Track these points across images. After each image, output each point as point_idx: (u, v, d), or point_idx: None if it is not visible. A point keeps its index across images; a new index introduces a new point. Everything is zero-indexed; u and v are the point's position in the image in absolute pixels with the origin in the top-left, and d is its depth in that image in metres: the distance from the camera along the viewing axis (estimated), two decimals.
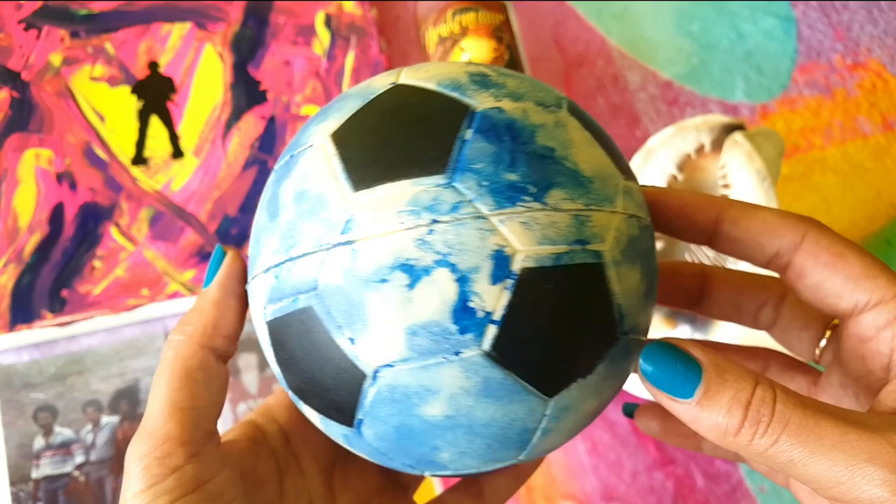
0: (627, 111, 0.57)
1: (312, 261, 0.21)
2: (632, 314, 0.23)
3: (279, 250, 0.22)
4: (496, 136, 0.21)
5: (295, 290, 0.22)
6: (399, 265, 0.20)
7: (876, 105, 0.57)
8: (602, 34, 0.59)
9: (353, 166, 0.22)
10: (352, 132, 0.22)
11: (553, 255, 0.21)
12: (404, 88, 0.23)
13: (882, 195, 0.55)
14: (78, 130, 0.53)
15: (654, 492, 0.48)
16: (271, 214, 0.23)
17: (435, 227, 0.20)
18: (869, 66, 0.58)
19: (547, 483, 0.48)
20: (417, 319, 0.20)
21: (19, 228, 0.51)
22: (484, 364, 0.21)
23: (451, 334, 0.20)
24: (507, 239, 0.20)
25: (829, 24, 0.59)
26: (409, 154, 0.21)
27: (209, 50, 0.55)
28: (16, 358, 0.50)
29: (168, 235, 0.51)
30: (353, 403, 0.22)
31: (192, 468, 0.23)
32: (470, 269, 0.20)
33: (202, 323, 0.25)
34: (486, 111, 0.22)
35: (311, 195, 0.22)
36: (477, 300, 0.20)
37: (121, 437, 0.48)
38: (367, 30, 0.56)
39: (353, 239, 0.21)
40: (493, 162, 0.21)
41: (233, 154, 0.53)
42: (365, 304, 0.21)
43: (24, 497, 0.47)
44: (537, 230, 0.21)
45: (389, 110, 0.22)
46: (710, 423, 0.21)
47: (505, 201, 0.21)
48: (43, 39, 0.55)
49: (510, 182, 0.21)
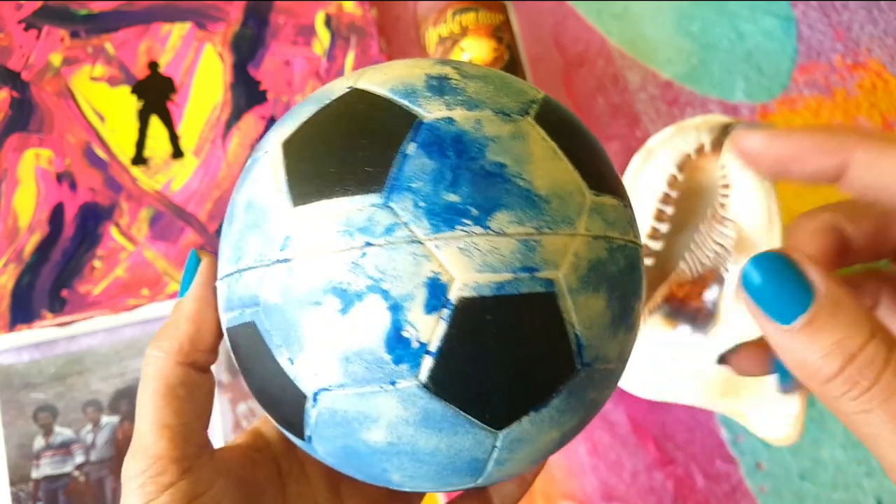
0: (627, 111, 0.57)
1: (254, 276, 0.21)
2: (594, 344, 0.21)
3: (231, 259, 0.22)
4: (440, 151, 0.20)
5: (242, 303, 0.22)
6: (332, 288, 0.19)
7: (876, 105, 0.57)
8: (602, 34, 0.59)
9: (295, 179, 0.21)
10: (300, 141, 0.22)
11: (494, 283, 0.19)
12: (357, 94, 0.22)
13: None
14: (78, 130, 0.53)
15: (654, 492, 0.48)
16: (228, 221, 0.23)
17: (368, 249, 0.19)
18: (869, 66, 0.58)
19: (547, 483, 0.48)
20: (351, 346, 0.20)
21: (19, 228, 0.51)
22: (421, 395, 0.20)
23: (385, 363, 0.19)
24: (443, 266, 0.19)
25: (829, 24, 0.59)
26: (349, 169, 0.20)
27: (209, 50, 0.55)
28: (16, 358, 0.50)
29: (168, 235, 0.51)
30: (299, 420, 0.22)
31: (186, 483, 0.23)
32: (403, 297, 0.19)
33: (178, 340, 0.25)
34: (433, 122, 0.21)
35: (257, 206, 0.21)
36: (411, 329, 0.19)
37: (121, 437, 0.48)
38: (367, 30, 0.56)
39: (289, 257, 0.20)
40: (433, 181, 0.20)
41: (233, 154, 0.53)
42: (300, 325, 0.20)
43: (24, 497, 0.47)
44: (477, 257, 0.19)
45: (337, 119, 0.22)
46: (801, 358, 0.18)
47: (442, 224, 0.19)
48: (43, 39, 0.55)
49: (449, 203, 0.19)
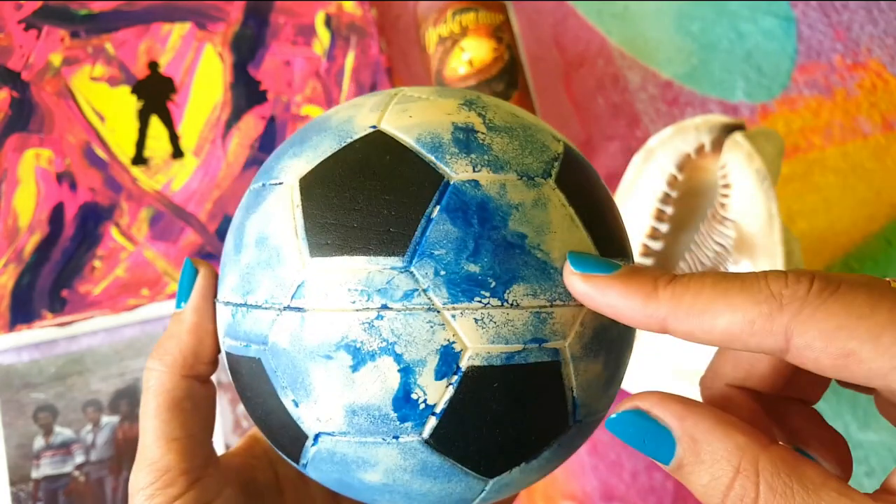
0: (627, 111, 0.57)
1: (264, 316, 0.21)
2: (588, 403, 0.22)
3: (237, 290, 0.22)
4: (464, 218, 0.20)
5: (247, 338, 0.22)
6: (345, 345, 0.20)
7: (876, 105, 0.57)
8: (602, 34, 0.59)
9: (314, 226, 0.21)
10: (320, 184, 0.21)
11: (505, 353, 0.20)
12: (381, 139, 0.22)
13: (882, 195, 0.55)
14: (78, 130, 0.53)
15: (654, 492, 0.48)
16: (236, 247, 0.23)
17: (385, 312, 0.20)
18: (869, 66, 0.58)
19: (547, 483, 0.48)
20: (358, 400, 0.20)
21: (19, 228, 0.51)
22: (422, 449, 0.20)
23: (390, 420, 0.20)
24: (457, 335, 0.20)
25: (829, 24, 0.59)
26: (372, 226, 0.20)
27: (209, 50, 0.55)
28: (16, 358, 0.50)
29: (168, 235, 0.51)
30: (297, 452, 0.22)
31: (194, 494, 0.24)
32: (415, 362, 0.20)
33: (181, 353, 0.25)
34: (459, 185, 0.21)
35: (271, 245, 0.21)
36: (419, 392, 0.20)
37: (121, 437, 0.48)
38: (367, 30, 0.56)
39: (303, 307, 0.20)
40: (456, 249, 0.20)
41: (233, 154, 0.53)
42: (309, 374, 0.20)
43: (24, 497, 0.47)
44: (491, 328, 0.20)
45: (360, 166, 0.21)
46: (693, 490, 0.19)
47: (461, 295, 0.20)
48: (43, 39, 0.55)
49: (470, 274, 0.20)
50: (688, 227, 0.48)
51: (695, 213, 0.48)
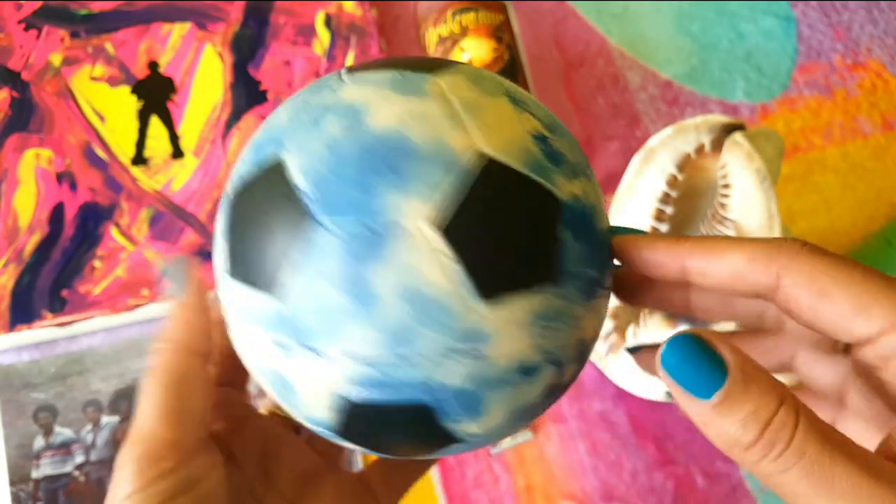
0: (627, 111, 0.57)
1: (428, 362, 0.22)
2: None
3: (382, 344, 0.21)
4: (579, 232, 0.23)
5: (401, 383, 0.22)
6: (522, 369, 0.22)
7: (876, 105, 0.57)
8: (602, 34, 0.59)
9: (473, 272, 0.21)
10: (462, 228, 0.21)
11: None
12: (490, 166, 0.22)
13: (882, 195, 0.55)
14: (78, 130, 0.53)
15: (654, 492, 0.48)
16: (362, 301, 0.21)
17: (544, 332, 0.22)
18: (869, 66, 0.58)
19: (547, 482, 0.48)
20: (522, 403, 0.23)
21: (19, 228, 0.51)
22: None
23: None
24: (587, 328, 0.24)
25: (829, 24, 0.59)
26: (521, 259, 0.21)
27: (209, 50, 0.55)
28: (16, 358, 0.50)
29: (168, 235, 0.51)
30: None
31: (186, 470, 0.24)
32: (565, 359, 0.23)
33: (189, 331, 0.26)
34: (567, 202, 0.23)
35: (428, 299, 0.21)
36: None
37: (121, 437, 0.48)
38: (367, 30, 0.56)
39: (479, 350, 0.22)
40: (583, 262, 0.23)
41: (233, 154, 0.53)
42: (484, 399, 0.22)
43: (24, 497, 0.47)
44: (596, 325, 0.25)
45: (493, 201, 0.21)
46: (722, 431, 0.20)
47: (588, 298, 0.23)
48: (43, 39, 0.55)
49: (592, 278, 0.23)
50: (688, 227, 0.48)
51: (695, 213, 0.48)
